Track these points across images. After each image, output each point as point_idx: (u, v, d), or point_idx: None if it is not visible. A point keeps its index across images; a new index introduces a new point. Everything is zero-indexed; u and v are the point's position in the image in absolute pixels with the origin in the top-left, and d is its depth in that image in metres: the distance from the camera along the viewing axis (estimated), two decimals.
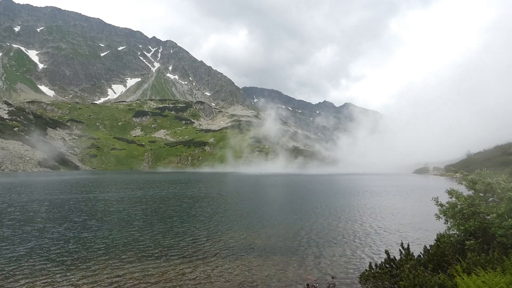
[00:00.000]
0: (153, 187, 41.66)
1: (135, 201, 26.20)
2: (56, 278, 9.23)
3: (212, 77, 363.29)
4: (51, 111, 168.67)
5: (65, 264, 10.41)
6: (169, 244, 13.04)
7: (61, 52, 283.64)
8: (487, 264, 5.83)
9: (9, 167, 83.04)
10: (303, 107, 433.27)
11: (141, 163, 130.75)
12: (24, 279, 9.14)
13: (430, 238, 12.95)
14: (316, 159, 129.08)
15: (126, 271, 9.84)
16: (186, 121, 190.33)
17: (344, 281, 9.19)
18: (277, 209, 23.61)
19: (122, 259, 10.97)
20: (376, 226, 16.94)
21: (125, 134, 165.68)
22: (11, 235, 14.12)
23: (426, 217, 18.90)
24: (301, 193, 35.78)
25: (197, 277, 9.50)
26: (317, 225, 16.91)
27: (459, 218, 7.09)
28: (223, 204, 26.32)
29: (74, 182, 49.11)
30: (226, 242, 13.40)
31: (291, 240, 13.91)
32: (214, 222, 17.72)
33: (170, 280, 9.26)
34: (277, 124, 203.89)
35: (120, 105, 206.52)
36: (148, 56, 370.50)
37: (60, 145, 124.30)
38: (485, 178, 7.28)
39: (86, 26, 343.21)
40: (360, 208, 23.15)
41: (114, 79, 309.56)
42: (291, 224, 17.32)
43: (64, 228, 15.67)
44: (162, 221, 17.91)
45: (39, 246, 12.38)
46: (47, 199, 26.35)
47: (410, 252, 7.23)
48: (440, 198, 7.71)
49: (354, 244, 13.31)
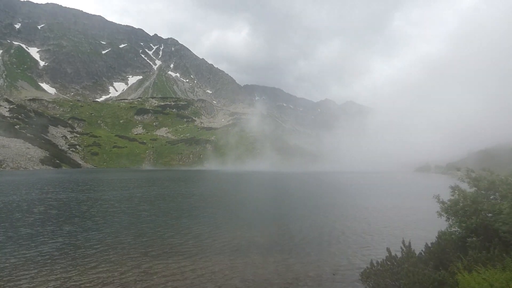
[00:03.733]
0: (155, 185, 41.77)
1: (139, 200, 26.29)
2: (56, 275, 9.30)
3: (214, 75, 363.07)
4: (53, 109, 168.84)
5: (64, 261, 10.47)
6: (170, 241, 13.09)
7: (62, 49, 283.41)
8: (488, 262, 5.85)
9: (10, 165, 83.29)
10: (304, 105, 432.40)
11: (143, 161, 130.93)
12: (26, 277, 9.21)
13: (432, 236, 12.92)
14: (316, 157, 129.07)
15: (128, 268, 9.90)
16: (187, 119, 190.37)
17: (345, 278, 9.23)
18: (279, 206, 23.65)
19: (123, 256, 11.03)
20: (377, 223, 16.96)
21: (127, 132, 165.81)
22: (18, 235, 14.21)
23: (427, 214, 18.92)
24: (302, 191, 35.83)
25: (198, 274, 9.54)
26: (319, 223, 16.94)
27: (460, 215, 7.09)
28: (224, 202, 26.38)
29: (72, 180, 49.26)
30: (227, 240, 13.44)
31: (292, 237, 13.95)
32: (215, 220, 17.77)
33: (171, 277, 9.31)
34: (278, 123, 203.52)
35: (121, 103, 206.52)
36: (150, 53, 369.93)
37: (62, 143, 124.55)
38: (489, 176, 7.27)
39: (87, 24, 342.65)
40: (361, 206, 23.17)
41: (116, 77, 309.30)
42: (292, 221, 17.36)
43: (59, 228, 15.75)
44: (162, 219, 17.98)
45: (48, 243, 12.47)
46: (53, 198, 26.47)
47: (411, 250, 7.24)
48: (441, 196, 7.72)
49: (356, 241, 13.34)
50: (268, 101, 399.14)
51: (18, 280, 8.83)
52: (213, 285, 8.76)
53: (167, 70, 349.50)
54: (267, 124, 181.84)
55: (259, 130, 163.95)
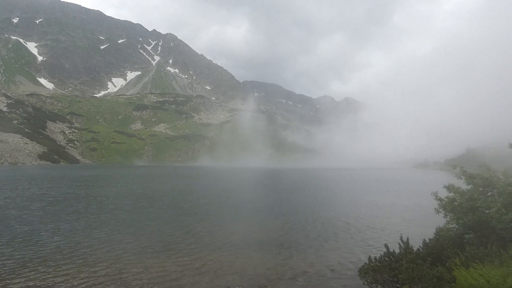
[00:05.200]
0: (154, 181, 41.79)
1: (137, 196, 26.30)
2: (57, 272, 9.32)
3: (212, 71, 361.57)
4: (51, 104, 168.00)
5: (63, 258, 10.50)
6: (169, 238, 13.13)
7: (60, 44, 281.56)
8: (485, 257, 5.89)
9: (8, 160, 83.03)
10: (304, 102, 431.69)
11: (142, 156, 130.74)
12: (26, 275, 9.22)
13: (429, 232, 12.99)
14: (315, 154, 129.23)
15: (125, 264, 9.92)
16: (186, 115, 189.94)
17: (343, 274, 9.28)
18: (278, 203, 23.70)
19: (122, 253, 11.06)
20: (375, 220, 17.04)
21: (125, 127, 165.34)
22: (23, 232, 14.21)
23: (425, 211, 19.00)
24: (302, 187, 35.89)
25: (197, 270, 9.57)
26: (317, 219, 17.00)
27: (458, 212, 7.13)
28: (224, 198, 26.42)
29: (70, 178, 49.22)
30: (226, 236, 13.48)
31: (290, 233, 14.01)
32: (215, 216, 17.81)
33: (170, 273, 9.34)
34: (277, 119, 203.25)
35: (120, 99, 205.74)
36: (148, 49, 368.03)
37: (60, 138, 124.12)
38: (483, 173, 7.30)
39: (86, 19, 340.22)
40: (360, 203, 23.25)
41: (114, 72, 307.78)
42: (290, 218, 17.42)
43: (52, 227, 15.76)
44: (161, 216, 18.01)
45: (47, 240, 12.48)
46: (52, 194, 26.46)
47: (409, 246, 7.28)
48: (439, 193, 7.75)
49: (354, 237, 13.40)
50: (267, 97, 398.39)
51: (16, 278, 8.84)
52: (211, 281, 8.79)
53: (165, 66, 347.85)
54: (265, 120, 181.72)
55: (258, 127, 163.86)
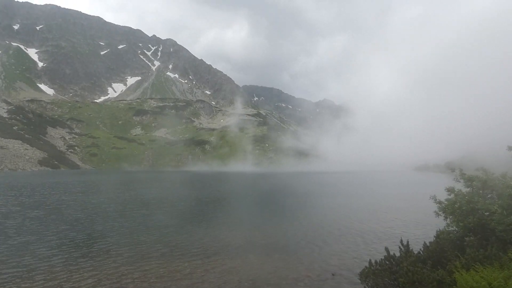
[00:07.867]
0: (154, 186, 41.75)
1: (138, 203, 26.29)
2: (60, 274, 9.30)
3: (212, 75, 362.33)
4: (51, 110, 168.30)
5: (66, 261, 10.48)
6: (169, 242, 13.09)
7: (60, 50, 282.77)
8: (485, 260, 5.89)
9: (8, 166, 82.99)
10: (303, 106, 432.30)
11: (142, 162, 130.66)
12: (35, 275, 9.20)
13: (430, 235, 12.99)
14: (315, 157, 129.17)
15: (126, 269, 9.90)
16: (186, 120, 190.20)
17: (344, 278, 9.25)
18: (277, 207, 23.67)
19: (123, 258, 11.03)
20: (376, 223, 17.00)
21: (126, 133, 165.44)
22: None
23: (425, 214, 18.96)
24: (302, 191, 35.85)
25: (198, 274, 9.55)
26: (317, 223, 16.96)
27: (458, 214, 7.13)
28: (223, 203, 26.39)
29: (68, 184, 49.20)
30: (226, 240, 13.45)
31: (291, 237, 13.97)
32: (214, 220, 17.78)
33: (170, 278, 9.31)
34: (277, 123, 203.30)
35: (120, 104, 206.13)
36: (148, 54, 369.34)
37: (60, 144, 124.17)
38: (482, 176, 7.33)
39: (86, 25, 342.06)
40: (359, 206, 23.20)
41: (114, 77, 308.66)
42: (291, 222, 17.38)
43: (58, 231, 15.75)
44: (160, 220, 17.98)
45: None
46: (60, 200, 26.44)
47: (409, 249, 7.28)
48: (438, 196, 7.76)
49: (354, 241, 13.37)
50: (267, 101, 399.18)
51: (20, 282, 8.83)
52: (212, 285, 8.77)
53: (165, 71, 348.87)
54: (265, 125, 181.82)
55: (258, 131, 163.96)
